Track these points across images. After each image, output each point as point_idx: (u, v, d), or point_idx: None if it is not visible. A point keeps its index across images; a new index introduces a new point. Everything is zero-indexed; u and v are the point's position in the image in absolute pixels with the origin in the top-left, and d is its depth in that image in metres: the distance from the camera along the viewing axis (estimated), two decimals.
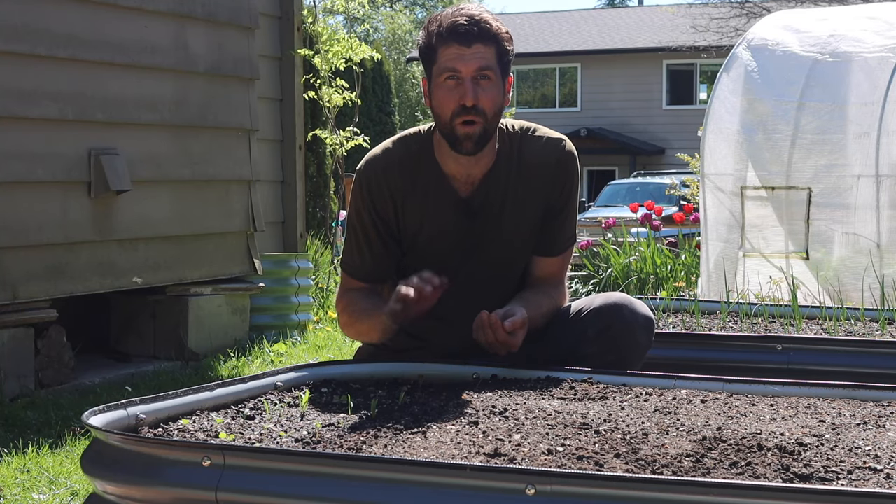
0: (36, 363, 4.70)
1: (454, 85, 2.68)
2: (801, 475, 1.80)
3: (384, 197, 2.79)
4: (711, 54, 22.16)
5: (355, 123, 7.79)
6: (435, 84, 2.72)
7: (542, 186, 2.82)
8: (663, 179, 18.05)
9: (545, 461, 1.87)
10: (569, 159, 2.85)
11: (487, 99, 2.69)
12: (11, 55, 4.68)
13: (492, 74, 2.70)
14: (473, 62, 2.67)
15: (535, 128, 2.87)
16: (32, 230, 4.75)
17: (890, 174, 6.00)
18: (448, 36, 2.68)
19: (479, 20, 2.69)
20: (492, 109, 2.70)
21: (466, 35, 2.67)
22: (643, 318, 2.75)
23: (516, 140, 2.83)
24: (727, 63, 6.62)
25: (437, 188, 2.79)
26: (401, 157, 2.81)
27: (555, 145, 2.84)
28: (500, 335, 2.59)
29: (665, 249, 7.62)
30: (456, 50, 2.67)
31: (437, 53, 2.70)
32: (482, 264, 2.82)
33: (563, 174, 2.84)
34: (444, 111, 2.70)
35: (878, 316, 3.88)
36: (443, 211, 2.79)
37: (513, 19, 33.58)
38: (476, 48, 2.67)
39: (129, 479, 1.92)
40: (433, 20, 2.74)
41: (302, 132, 7.45)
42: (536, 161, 2.82)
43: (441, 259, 2.80)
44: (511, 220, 2.81)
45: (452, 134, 2.70)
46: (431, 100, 2.75)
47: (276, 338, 6.01)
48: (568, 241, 2.89)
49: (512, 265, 2.86)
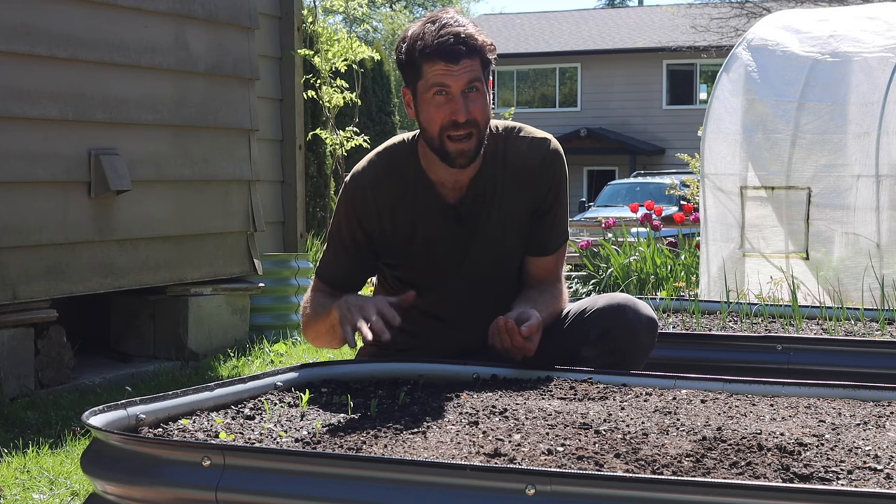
0: (36, 363, 4.70)
1: (444, 100, 2.67)
2: (801, 475, 1.80)
3: (370, 211, 2.80)
4: (711, 54, 22.16)
5: (355, 123, 7.79)
6: (422, 99, 2.71)
7: (529, 187, 2.82)
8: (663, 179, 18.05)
9: (545, 461, 1.87)
10: (554, 158, 2.84)
11: (478, 110, 2.69)
12: (11, 55, 4.68)
13: (479, 86, 2.70)
14: (462, 77, 2.66)
15: (521, 128, 2.87)
16: (32, 230, 4.75)
17: (890, 174, 6.00)
18: (434, 54, 2.66)
19: (466, 37, 2.67)
20: (483, 119, 2.71)
21: (454, 53, 2.65)
22: (646, 319, 2.75)
23: (501, 141, 2.82)
24: (727, 63, 6.62)
25: (425, 196, 2.79)
26: (386, 168, 2.81)
27: (539, 145, 2.84)
28: (516, 340, 2.59)
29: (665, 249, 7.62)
30: (443, 67, 2.66)
31: (423, 69, 2.68)
32: (475, 267, 2.82)
33: (548, 174, 2.83)
34: (432, 126, 2.70)
35: (878, 316, 3.88)
36: (432, 218, 2.79)
37: (513, 19, 33.58)
38: (463, 63, 2.66)
39: (129, 479, 1.92)
40: (415, 37, 2.69)
41: (302, 132, 7.45)
42: (522, 162, 2.81)
43: (434, 265, 2.82)
44: (499, 221, 2.81)
45: (443, 149, 2.70)
46: (419, 114, 2.74)
47: (276, 338, 6.01)
48: (560, 239, 2.89)
49: (504, 266, 2.86)
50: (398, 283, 2.88)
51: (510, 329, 2.58)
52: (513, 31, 31.79)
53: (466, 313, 2.84)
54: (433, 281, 2.83)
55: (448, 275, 2.81)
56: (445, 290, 2.84)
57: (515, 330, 2.57)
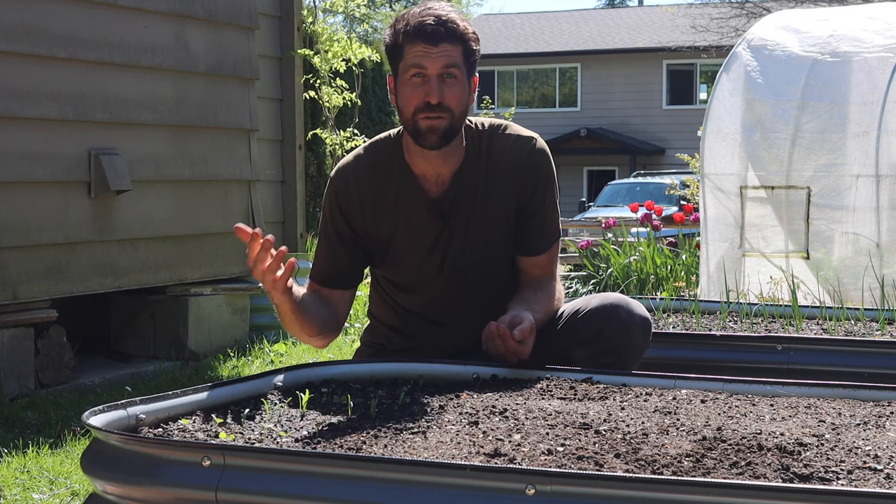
0: (36, 363, 4.70)
1: (420, 82, 2.68)
2: (801, 475, 1.80)
3: (353, 205, 2.80)
4: (711, 54, 22.16)
5: (355, 123, 7.79)
6: (401, 81, 2.72)
7: (513, 185, 2.81)
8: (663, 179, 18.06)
9: (545, 461, 1.87)
10: (540, 157, 2.83)
11: (453, 96, 2.68)
12: (11, 55, 4.68)
13: (457, 73, 2.69)
14: (440, 60, 2.67)
15: (507, 125, 2.87)
16: (33, 230, 4.75)
17: (889, 174, 6.00)
18: (415, 34, 2.68)
19: (447, 20, 2.69)
20: (458, 106, 2.70)
21: (433, 34, 2.66)
22: (640, 319, 2.75)
23: (485, 138, 2.82)
24: (727, 63, 6.62)
25: (408, 189, 2.79)
26: (371, 162, 2.82)
27: (524, 143, 2.83)
28: (510, 345, 2.57)
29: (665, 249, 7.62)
30: (422, 48, 2.67)
31: (404, 51, 2.70)
32: (460, 264, 2.82)
33: (534, 172, 2.82)
34: (407, 107, 2.70)
35: (878, 316, 3.87)
36: (415, 212, 2.79)
37: (513, 19, 33.57)
38: (442, 47, 2.67)
39: (129, 479, 1.92)
40: (401, 18, 2.73)
41: (302, 132, 7.45)
42: (506, 159, 2.81)
43: (417, 261, 2.81)
44: (481, 218, 2.80)
45: (416, 128, 2.70)
46: (397, 96, 2.75)
47: (276, 338, 6.01)
48: (551, 239, 2.88)
49: (490, 264, 2.84)
50: (388, 285, 2.88)
51: (503, 334, 2.57)
52: (513, 31, 31.78)
53: (456, 313, 2.83)
54: (419, 279, 2.83)
55: (433, 271, 2.80)
56: (433, 288, 2.83)
57: (508, 335, 2.57)
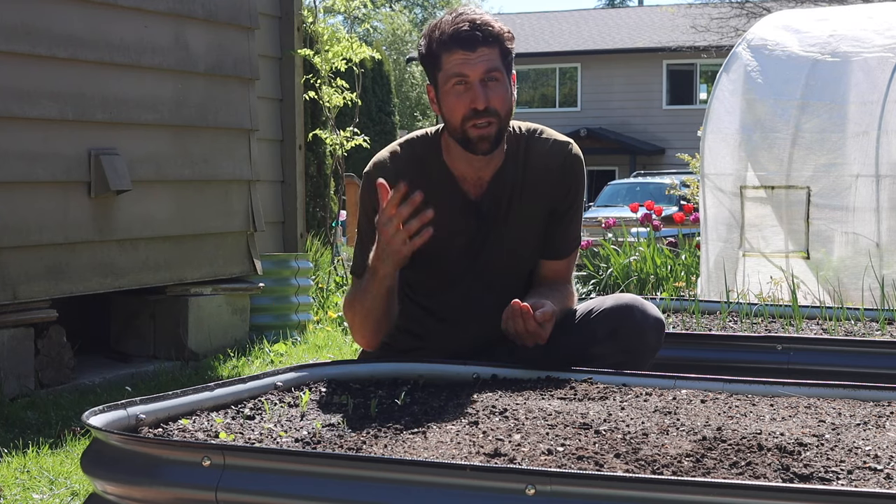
0: (36, 363, 4.70)
1: (463, 90, 2.69)
2: (801, 475, 1.80)
3: None
4: (711, 54, 22.16)
5: (355, 123, 7.79)
6: (443, 91, 2.73)
7: (548, 189, 2.83)
8: (663, 179, 18.06)
9: (545, 461, 1.87)
10: (575, 162, 2.86)
11: (498, 99, 2.70)
12: (11, 55, 4.68)
13: (499, 75, 2.71)
14: (480, 65, 2.68)
15: (542, 129, 2.88)
16: (32, 230, 4.75)
17: (889, 174, 6.00)
18: (451, 42, 2.69)
19: (481, 24, 2.70)
20: (504, 108, 2.72)
21: (470, 40, 2.68)
22: (654, 320, 2.75)
23: (523, 141, 2.84)
24: (727, 63, 6.63)
25: (447, 191, 2.79)
26: (408, 160, 2.81)
27: (561, 148, 2.85)
28: (530, 325, 2.58)
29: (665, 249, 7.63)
30: (461, 55, 2.68)
31: (441, 60, 2.71)
32: (487, 267, 2.83)
33: (569, 177, 2.85)
34: (454, 116, 2.71)
35: (878, 316, 3.88)
36: (453, 214, 2.78)
37: (513, 19, 33.57)
38: (481, 51, 2.68)
39: (129, 479, 1.92)
40: (434, 28, 2.74)
41: (302, 132, 7.45)
42: (543, 163, 2.82)
43: (448, 261, 2.81)
44: (517, 221, 2.81)
45: (465, 137, 2.71)
46: (441, 106, 2.75)
47: (276, 338, 6.01)
48: (574, 243, 2.90)
49: (516, 267, 2.86)
50: (408, 283, 2.86)
51: (525, 313, 2.57)
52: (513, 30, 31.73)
53: (471, 315, 2.84)
54: (447, 279, 2.83)
55: (462, 271, 2.81)
56: (457, 288, 2.83)
57: (530, 314, 2.57)
